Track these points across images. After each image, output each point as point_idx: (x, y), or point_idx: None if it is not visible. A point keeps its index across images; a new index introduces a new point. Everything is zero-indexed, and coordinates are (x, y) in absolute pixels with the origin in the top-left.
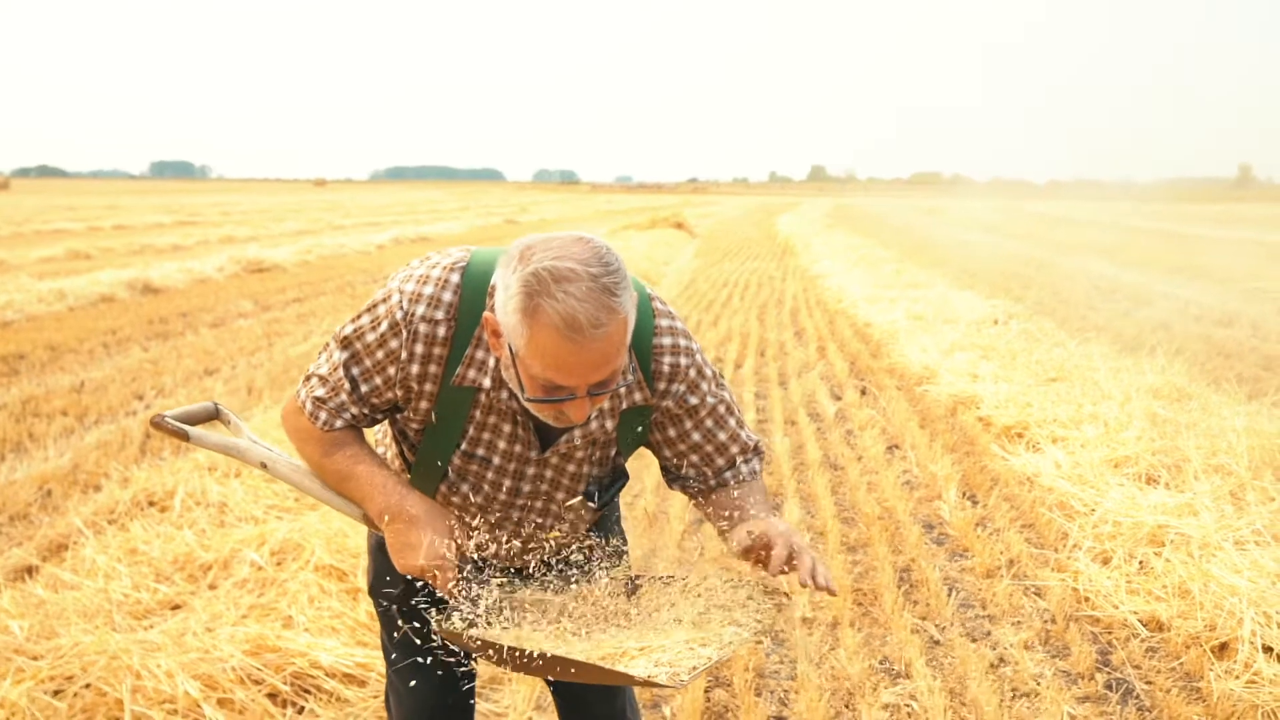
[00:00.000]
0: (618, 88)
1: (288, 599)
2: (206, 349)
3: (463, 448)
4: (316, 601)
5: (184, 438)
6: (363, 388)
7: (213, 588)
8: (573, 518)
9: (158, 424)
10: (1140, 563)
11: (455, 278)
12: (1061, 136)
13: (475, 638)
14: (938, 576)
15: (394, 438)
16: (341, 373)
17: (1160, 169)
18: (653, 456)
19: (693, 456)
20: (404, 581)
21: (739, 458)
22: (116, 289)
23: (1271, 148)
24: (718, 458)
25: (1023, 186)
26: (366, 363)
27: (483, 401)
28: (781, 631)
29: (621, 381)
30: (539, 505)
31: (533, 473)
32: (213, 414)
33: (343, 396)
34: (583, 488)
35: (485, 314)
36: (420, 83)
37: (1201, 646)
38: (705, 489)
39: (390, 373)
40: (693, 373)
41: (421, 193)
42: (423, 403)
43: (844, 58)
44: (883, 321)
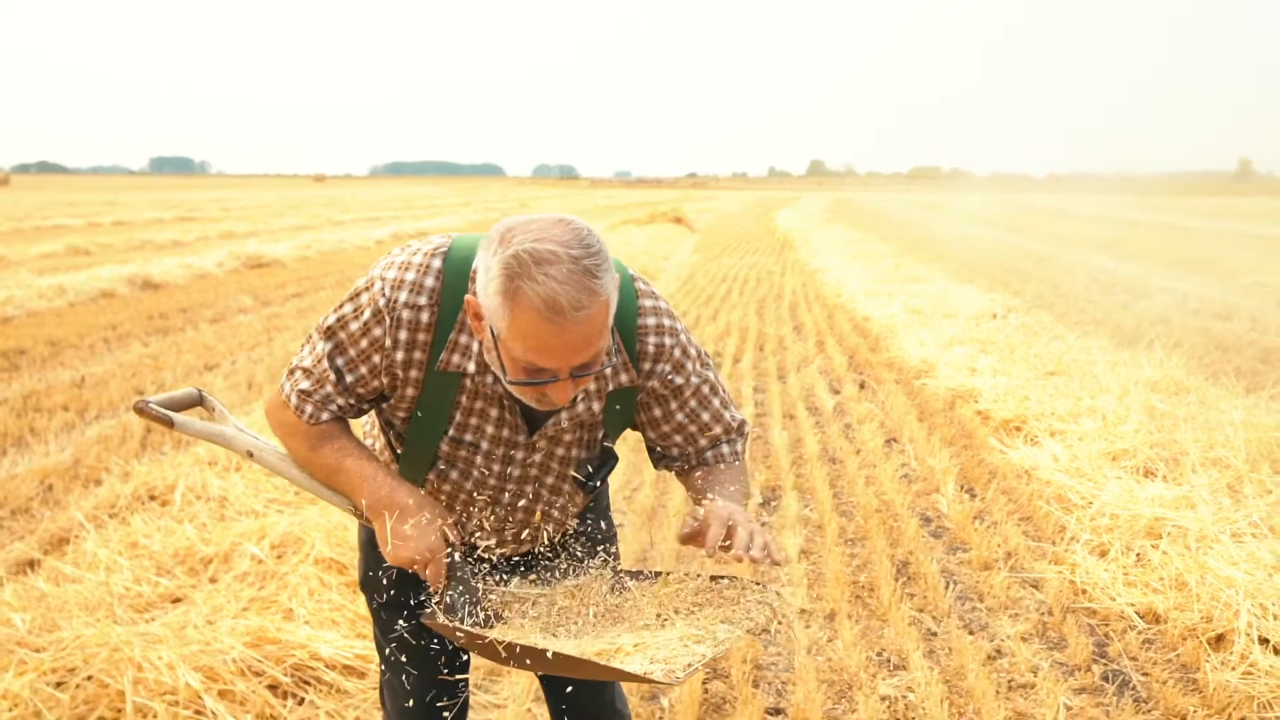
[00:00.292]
0: (617, 83)
1: (288, 592)
2: (206, 344)
3: (450, 434)
4: (316, 594)
5: (168, 424)
6: (348, 378)
7: (213, 581)
8: (563, 502)
9: (141, 410)
10: (1137, 555)
11: (437, 263)
12: (1061, 131)
13: (466, 630)
14: (935, 569)
15: (381, 429)
16: (326, 364)
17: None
18: (661, 468)
19: (677, 437)
20: (396, 576)
21: (722, 438)
22: (117, 285)
23: (1271, 142)
24: (700, 438)
25: (1022, 180)
26: (350, 352)
27: (469, 386)
28: (778, 627)
29: (607, 363)
30: (529, 490)
31: (521, 457)
32: (196, 400)
33: (328, 388)
34: (572, 471)
35: (467, 297)
36: (420, 78)
37: (1198, 638)
38: (688, 468)
39: (375, 361)
40: (677, 352)
41: (421, 188)
42: (408, 389)
43: (844, 52)
44: (881, 316)
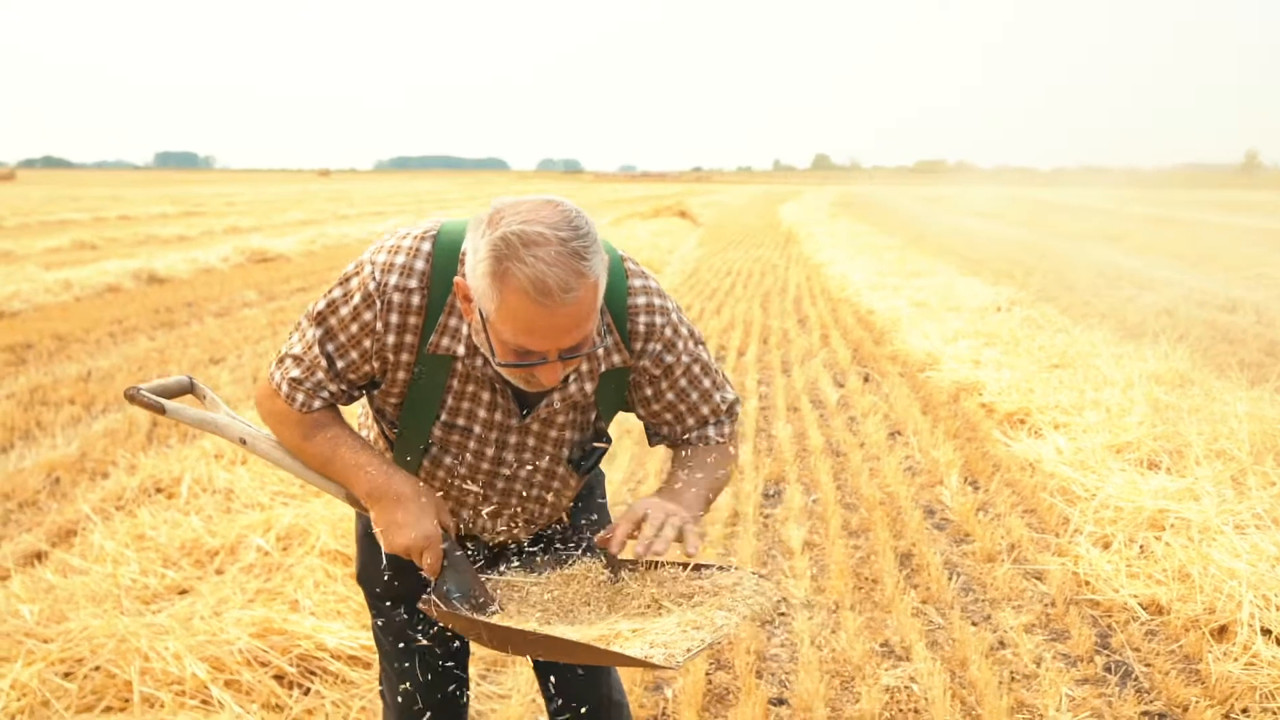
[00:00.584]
0: (622, 77)
1: (294, 583)
2: (212, 338)
3: (443, 418)
4: (322, 586)
5: (159, 411)
6: (339, 363)
7: (219, 573)
8: (558, 486)
9: (132, 397)
10: (1141, 547)
11: (426, 246)
12: (1066, 124)
13: (464, 616)
14: (939, 561)
15: (373, 418)
16: (317, 350)
17: (1166, 156)
18: (655, 444)
19: (667, 415)
20: (392, 568)
21: (709, 418)
22: (122, 279)
23: (1278, 134)
24: (689, 417)
25: (1027, 174)
26: (341, 338)
27: (460, 370)
28: (784, 614)
29: (599, 343)
30: (523, 475)
31: (514, 441)
32: (187, 388)
33: (319, 375)
34: (565, 454)
35: (456, 279)
36: (424, 72)
37: (1201, 629)
38: (674, 445)
39: (366, 345)
40: (668, 331)
41: (426, 183)
42: (399, 373)
43: (849, 45)
44: (886, 309)
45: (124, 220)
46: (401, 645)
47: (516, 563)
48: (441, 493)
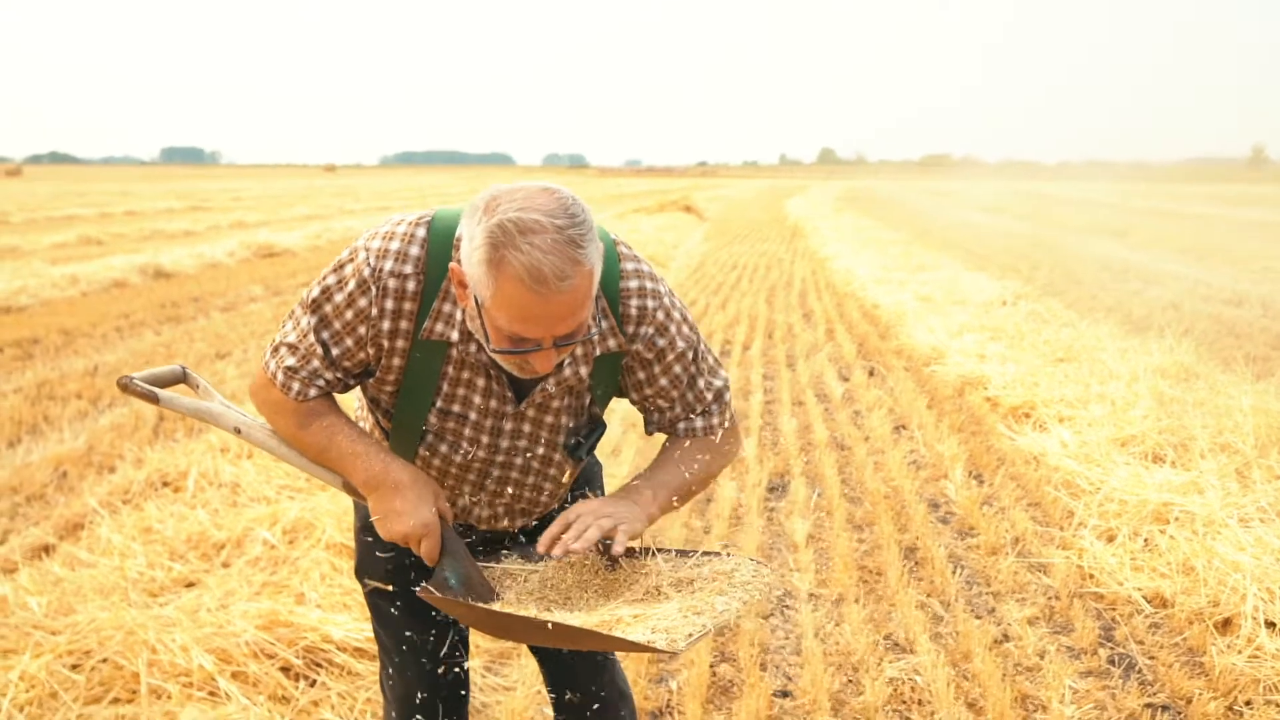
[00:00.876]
0: (627, 71)
1: (300, 576)
2: (218, 332)
3: (438, 405)
4: (328, 579)
5: (153, 400)
6: (334, 351)
7: (226, 566)
8: (554, 473)
9: (125, 386)
10: (1145, 540)
11: (421, 232)
12: (1072, 118)
13: (464, 604)
14: (943, 554)
15: (368, 408)
16: (312, 338)
17: (1172, 149)
18: (660, 434)
19: (660, 401)
20: (391, 561)
21: (696, 406)
22: (129, 274)
23: None
24: (677, 404)
25: (1033, 168)
26: (336, 325)
27: (454, 356)
28: (788, 607)
29: (594, 328)
30: (519, 462)
31: (510, 428)
32: (180, 377)
33: (315, 363)
34: (561, 440)
35: (451, 265)
36: (429, 68)
37: (1204, 622)
38: (664, 431)
39: (361, 332)
40: (660, 315)
41: (431, 177)
42: (395, 360)
43: (855, 39)
44: (891, 303)
45: (130, 216)
46: (400, 641)
47: (512, 552)
48: (437, 481)
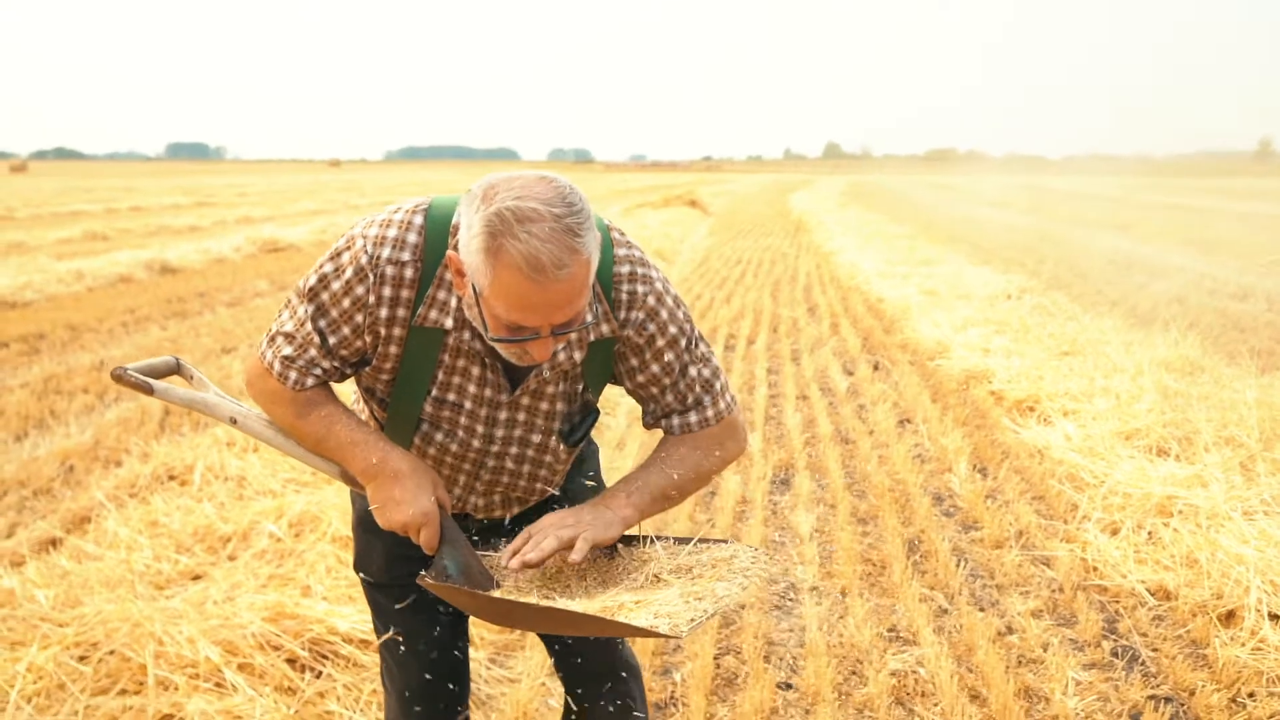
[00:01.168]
0: (632, 66)
1: (305, 569)
2: (224, 328)
3: (434, 394)
4: (334, 571)
5: (147, 391)
6: (331, 339)
7: (232, 559)
8: (549, 460)
9: (119, 377)
10: (1149, 533)
11: (418, 219)
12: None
13: (465, 591)
14: (947, 547)
15: (363, 398)
16: (309, 326)
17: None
18: (649, 426)
19: (651, 388)
20: (390, 554)
21: (687, 395)
22: (134, 269)
23: None
24: (668, 392)
25: (1038, 162)
26: (333, 313)
27: (450, 344)
28: (792, 600)
29: (589, 315)
30: (513, 451)
31: (505, 417)
32: (174, 368)
33: (312, 352)
34: (556, 426)
35: (449, 253)
36: (434, 62)
37: (1208, 614)
38: (659, 426)
39: (358, 320)
40: (651, 300)
41: (436, 173)
42: (391, 347)
43: (860, 33)
44: (896, 297)
45: (136, 211)
46: (400, 634)
47: (509, 541)
48: (433, 470)
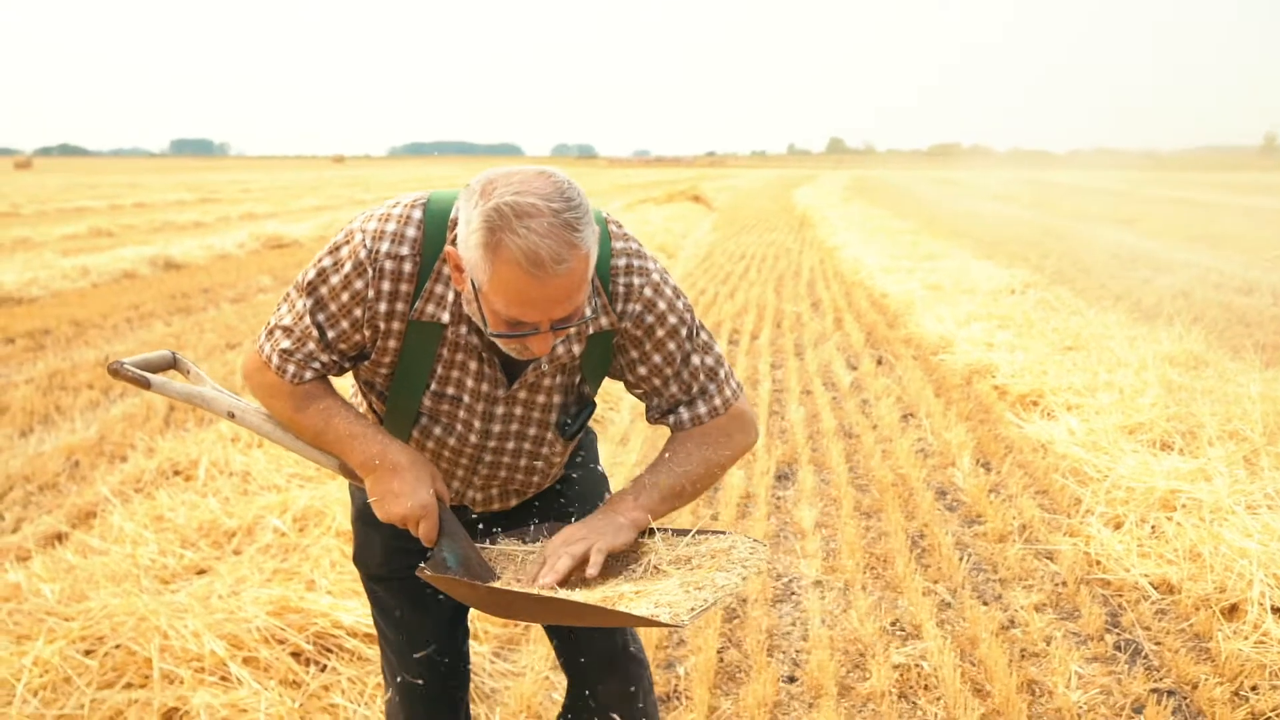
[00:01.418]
0: (636, 62)
1: (310, 563)
2: (228, 323)
3: (432, 388)
4: (338, 565)
5: (144, 385)
6: (330, 334)
7: (237, 553)
8: (546, 452)
9: (115, 371)
10: (1152, 527)
11: (417, 214)
12: (1083, 106)
13: (464, 582)
14: (950, 541)
15: (362, 392)
16: (308, 320)
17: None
18: (653, 421)
19: (654, 380)
20: (389, 548)
21: (691, 385)
22: (139, 265)
23: None
24: (672, 382)
25: (1043, 156)
26: (332, 307)
27: (448, 339)
28: (795, 593)
29: (589, 309)
30: (510, 446)
31: (502, 411)
32: (170, 363)
33: (310, 345)
34: (553, 419)
35: (447, 248)
36: (438, 58)
37: (1211, 608)
38: (665, 422)
39: (357, 315)
40: (648, 291)
41: (440, 168)
42: (390, 341)
43: (864, 27)
44: (899, 292)
45: (140, 207)
46: (398, 625)
47: (507, 534)
48: (431, 463)
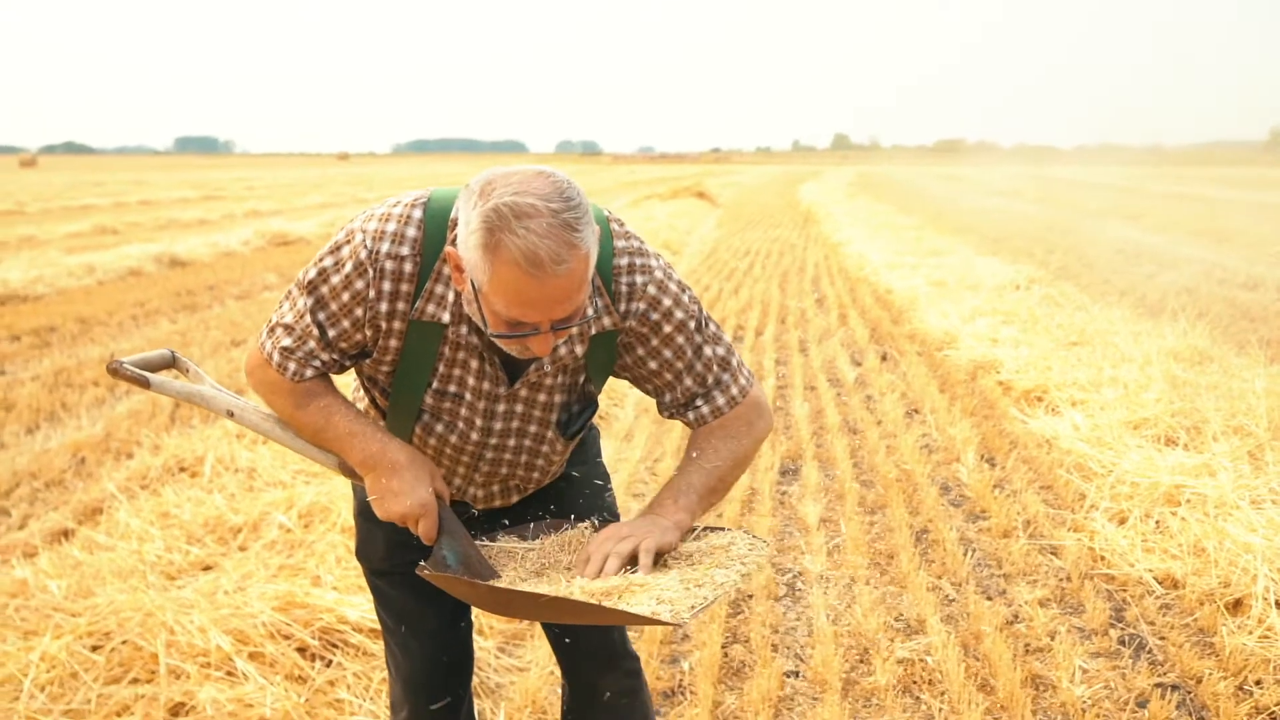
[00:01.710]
0: (640, 58)
1: (315, 559)
2: (233, 320)
3: (434, 385)
4: (343, 561)
5: (144, 385)
6: (330, 332)
7: (242, 549)
8: (547, 450)
9: (114, 370)
10: (1157, 522)
11: (417, 213)
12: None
13: (464, 580)
14: (954, 537)
15: (364, 387)
16: (309, 319)
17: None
18: (673, 420)
19: (665, 374)
20: (391, 543)
21: (705, 377)
22: (144, 263)
23: None
24: (686, 376)
25: (1048, 152)
26: (333, 306)
27: (449, 338)
28: (799, 589)
29: (590, 309)
30: (512, 443)
31: (503, 409)
32: (169, 361)
33: (311, 344)
34: (554, 418)
35: (447, 249)
36: (442, 55)
37: (1215, 603)
38: (683, 418)
39: (358, 314)
40: (651, 289)
41: (444, 165)
42: (391, 340)
43: (870, 23)
44: (904, 288)
45: (145, 205)
46: (402, 619)
47: (508, 530)
48: (433, 460)
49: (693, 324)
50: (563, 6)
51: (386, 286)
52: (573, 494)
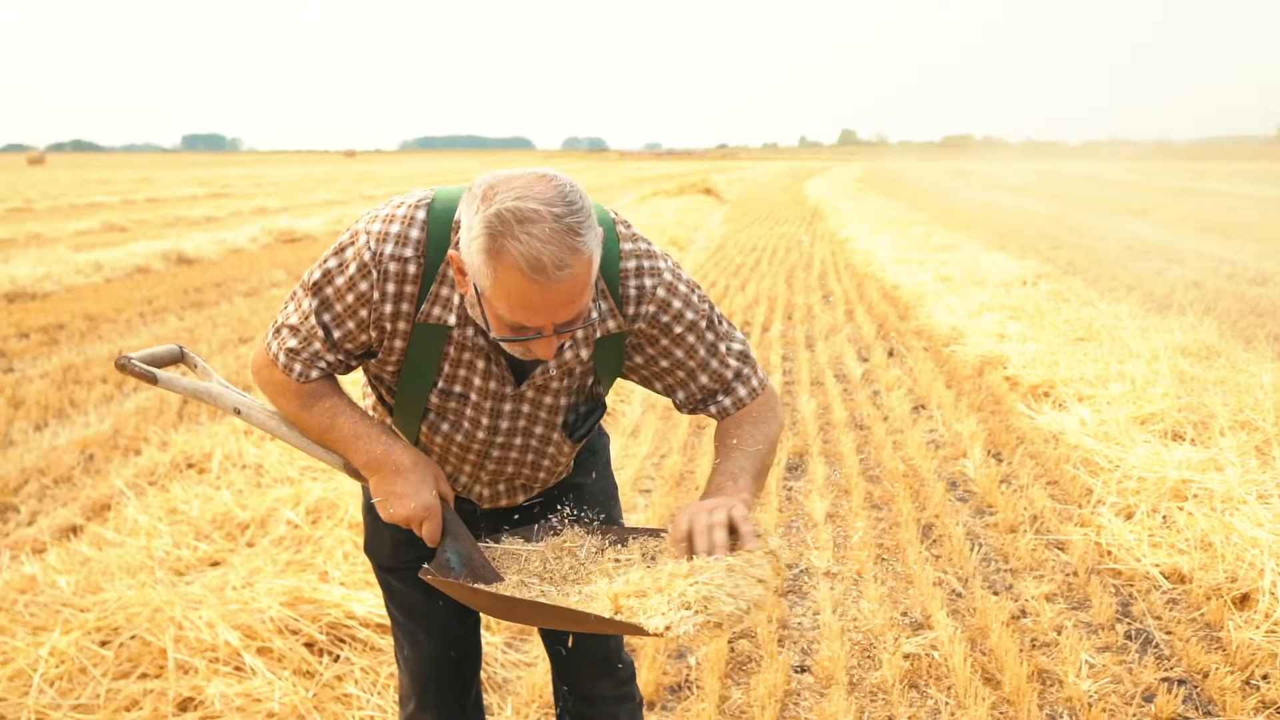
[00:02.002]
0: (647, 54)
1: (323, 555)
2: (241, 317)
3: (440, 385)
4: (351, 557)
5: (151, 381)
6: (335, 334)
7: (250, 545)
8: (553, 452)
9: (123, 366)
10: (1163, 517)
11: (421, 215)
12: (1097, 96)
13: (465, 586)
14: (961, 532)
15: (371, 385)
16: (314, 320)
17: (1197, 127)
18: (679, 416)
19: (679, 373)
20: (399, 539)
21: (725, 372)
22: (152, 260)
23: None
24: (702, 374)
25: (1056, 147)
26: (337, 308)
27: (454, 339)
28: (806, 584)
29: (594, 312)
30: (518, 442)
31: (509, 409)
32: (178, 356)
33: (316, 345)
34: (560, 420)
35: (450, 252)
36: (449, 52)
37: (1222, 598)
38: (705, 412)
39: (363, 315)
40: (660, 291)
41: (451, 162)
42: (396, 341)
43: (876, 18)
44: (911, 284)
45: (152, 202)
46: (411, 618)
47: (513, 532)
48: (438, 460)
49: (704, 323)
50: (570, 3)
51: (390, 288)
52: (579, 499)
